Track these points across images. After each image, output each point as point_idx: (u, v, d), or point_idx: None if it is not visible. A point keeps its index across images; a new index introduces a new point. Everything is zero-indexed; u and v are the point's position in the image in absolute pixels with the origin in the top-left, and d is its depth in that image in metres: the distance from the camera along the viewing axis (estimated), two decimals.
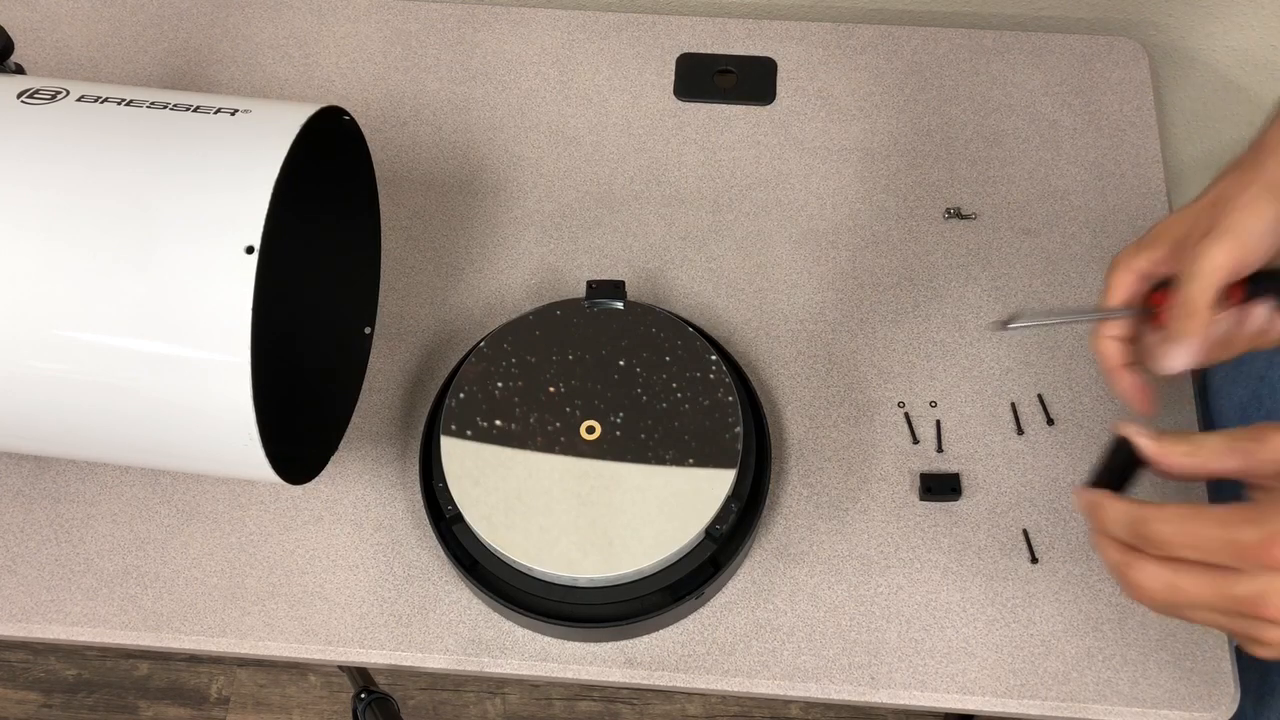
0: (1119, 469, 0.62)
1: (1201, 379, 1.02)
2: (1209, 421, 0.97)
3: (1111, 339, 0.68)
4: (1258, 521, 0.54)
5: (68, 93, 0.76)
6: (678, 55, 1.06)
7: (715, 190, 1.00)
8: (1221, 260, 0.60)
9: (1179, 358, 0.62)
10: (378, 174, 0.88)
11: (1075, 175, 0.99)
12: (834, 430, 0.89)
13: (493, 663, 0.82)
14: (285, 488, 0.88)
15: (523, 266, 0.97)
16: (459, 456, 0.82)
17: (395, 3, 1.10)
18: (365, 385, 0.91)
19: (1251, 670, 0.81)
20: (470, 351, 0.87)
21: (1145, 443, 0.60)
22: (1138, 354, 0.68)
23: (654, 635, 0.82)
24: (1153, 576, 0.57)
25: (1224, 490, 0.61)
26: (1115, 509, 0.59)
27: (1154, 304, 0.66)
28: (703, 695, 1.52)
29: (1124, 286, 0.65)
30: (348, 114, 0.80)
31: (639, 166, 1.01)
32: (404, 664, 0.83)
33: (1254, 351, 0.68)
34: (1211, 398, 0.96)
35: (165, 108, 0.75)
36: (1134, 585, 0.58)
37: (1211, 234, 0.60)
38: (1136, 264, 0.64)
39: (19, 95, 0.75)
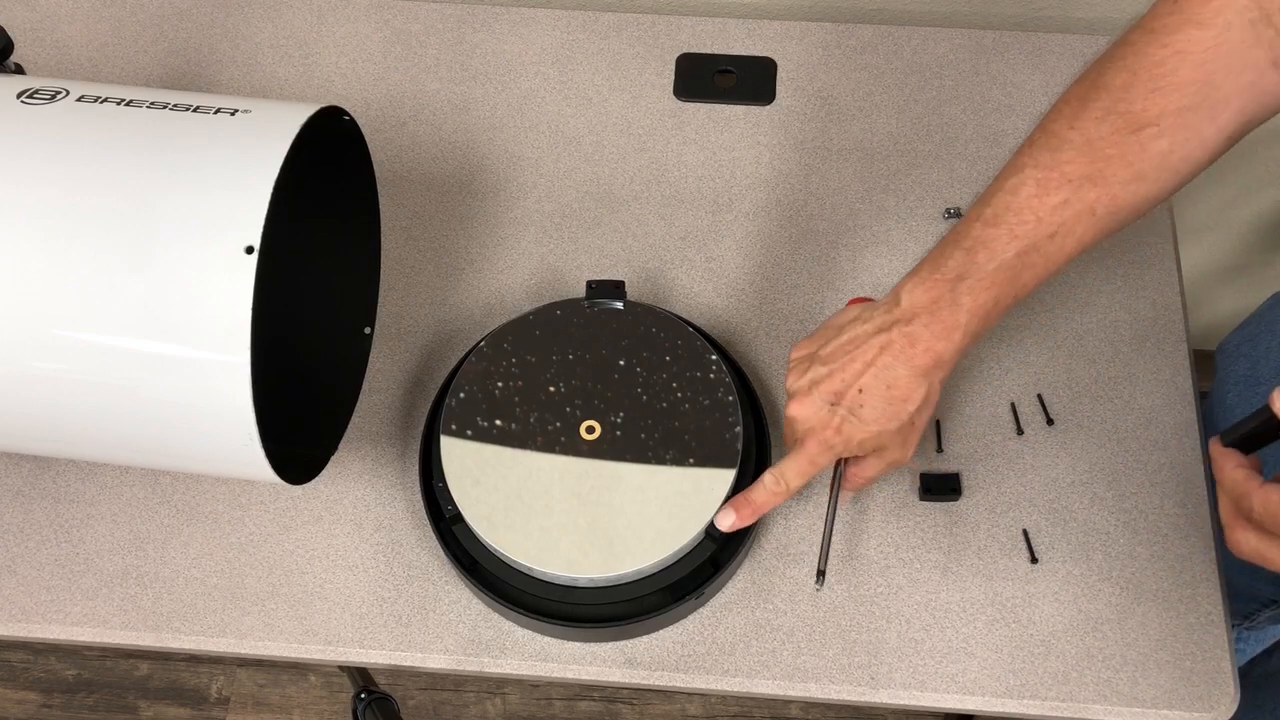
0: (1254, 432, 0.65)
1: (1212, 395, 1.01)
2: (1211, 426, 0.97)
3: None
4: None
5: (68, 93, 0.76)
6: (678, 55, 1.06)
7: (715, 190, 1.00)
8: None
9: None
10: (378, 174, 0.87)
11: None
12: None
13: (493, 663, 0.82)
14: (285, 488, 0.88)
15: (523, 266, 0.97)
16: (459, 456, 0.82)
17: (395, 3, 1.10)
18: (365, 385, 0.91)
19: (1266, 686, 0.81)
20: (470, 351, 0.87)
21: None
22: None
23: (654, 635, 0.82)
24: (1246, 541, 0.63)
25: None
26: (1230, 473, 0.64)
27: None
28: (703, 695, 1.52)
29: (823, 465, 0.78)
30: (348, 114, 0.80)
31: (639, 166, 1.01)
32: (404, 664, 0.83)
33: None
34: (1225, 419, 0.96)
35: (165, 108, 0.75)
36: (1231, 542, 0.64)
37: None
38: (836, 455, 0.78)
39: (19, 95, 0.75)
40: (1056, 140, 0.70)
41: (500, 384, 0.85)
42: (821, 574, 0.79)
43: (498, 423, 0.83)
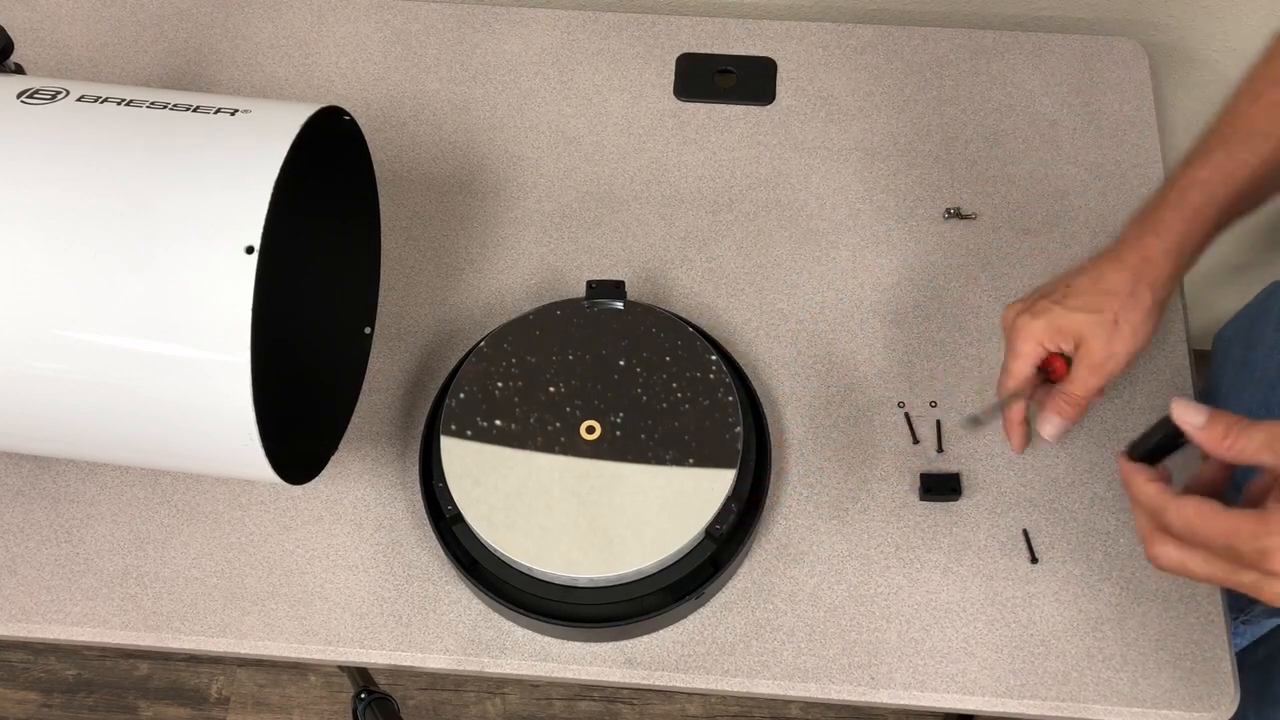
0: (1159, 443, 0.67)
1: (1208, 382, 1.02)
2: None
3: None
4: (1257, 536, 0.60)
5: (68, 93, 0.76)
6: (678, 55, 1.06)
7: (715, 190, 1.00)
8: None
9: (1051, 428, 0.79)
10: (378, 174, 0.88)
11: (1075, 175, 0.99)
12: (834, 430, 0.89)
13: (493, 663, 0.82)
14: (285, 488, 0.88)
15: (523, 266, 0.97)
16: (459, 456, 0.82)
17: (395, 3, 1.10)
18: (365, 385, 0.91)
19: (1252, 674, 0.81)
20: (470, 351, 0.87)
21: (1192, 420, 0.64)
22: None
23: (654, 635, 0.82)
24: (1166, 554, 0.64)
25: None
26: (1142, 489, 0.66)
27: (1055, 373, 0.79)
28: (703, 695, 1.52)
29: (1029, 356, 0.78)
30: (348, 114, 0.80)
31: (639, 166, 1.01)
32: (404, 664, 0.83)
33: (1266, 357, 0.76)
34: (1220, 403, 0.96)
35: (165, 108, 0.75)
36: (1151, 555, 0.65)
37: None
38: (1037, 342, 0.78)
39: (19, 95, 0.75)
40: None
41: (500, 384, 0.85)
42: (975, 420, 0.81)
43: (498, 423, 0.83)
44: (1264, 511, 0.61)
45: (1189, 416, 0.64)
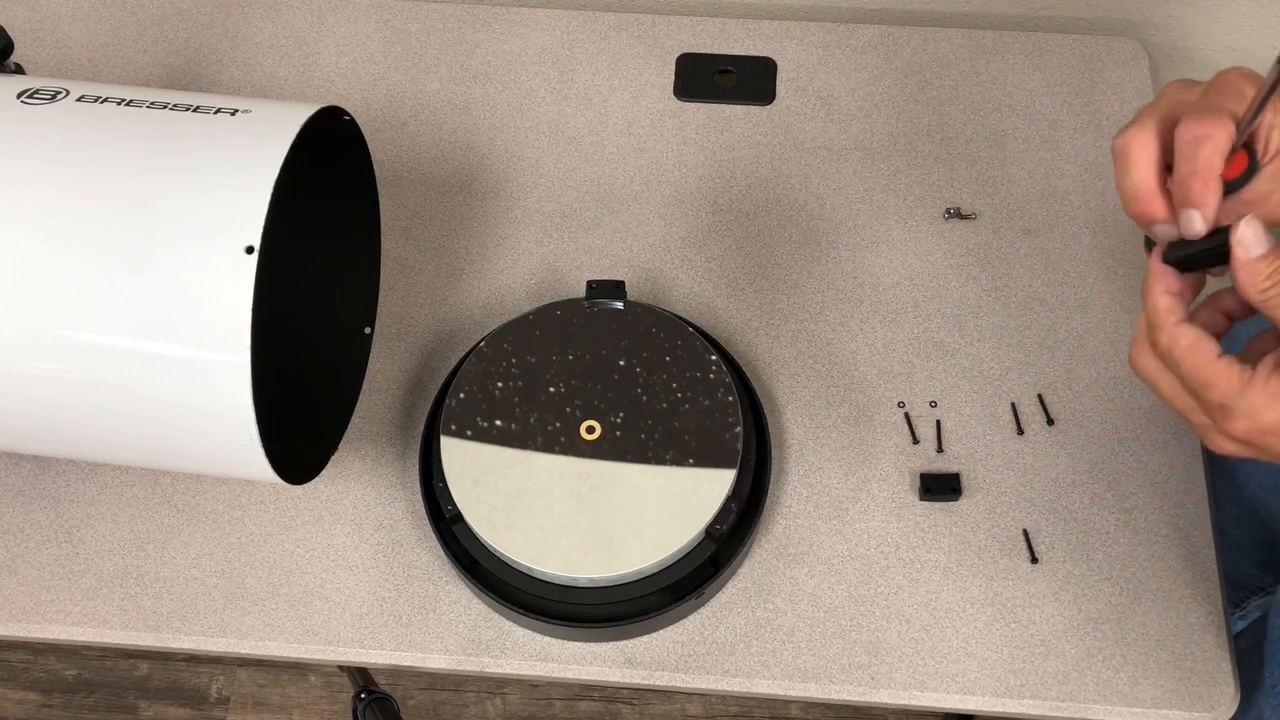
0: (1200, 253, 0.62)
1: None
2: None
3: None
4: (1230, 395, 0.59)
5: (68, 93, 0.76)
6: (678, 55, 1.06)
7: (715, 190, 1.00)
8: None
9: (1196, 223, 0.63)
10: (378, 174, 0.88)
11: (1075, 175, 0.99)
12: (834, 430, 0.89)
13: (493, 663, 0.82)
14: (285, 488, 0.88)
15: (523, 266, 0.97)
16: (459, 456, 0.82)
17: (395, 3, 1.10)
18: (365, 385, 0.91)
19: (1241, 665, 0.81)
20: (470, 351, 0.87)
21: (1249, 246, 0.59)
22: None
23: (654, 635, 0.82)
24: (1144, 364, 0.64)
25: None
26: (1156, 299, 0.62)
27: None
28: (703, 695, 1.52)
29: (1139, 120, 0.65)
30: (348, 114, 0.80)
31: (639, 166, 1.01)
32: (404, 664, 0.83)
33: None
34: None
35: (165, 108, 0.75)
36: (1131, 358, 0.65)
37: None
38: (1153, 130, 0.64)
39: (19, 95, 0.75)
40: None
41: (500, 384, 0.85)
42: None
43: (498, 423, 0.83)
44: (1251, 373, 0.59)
45: (1249, 238, 0.59)
